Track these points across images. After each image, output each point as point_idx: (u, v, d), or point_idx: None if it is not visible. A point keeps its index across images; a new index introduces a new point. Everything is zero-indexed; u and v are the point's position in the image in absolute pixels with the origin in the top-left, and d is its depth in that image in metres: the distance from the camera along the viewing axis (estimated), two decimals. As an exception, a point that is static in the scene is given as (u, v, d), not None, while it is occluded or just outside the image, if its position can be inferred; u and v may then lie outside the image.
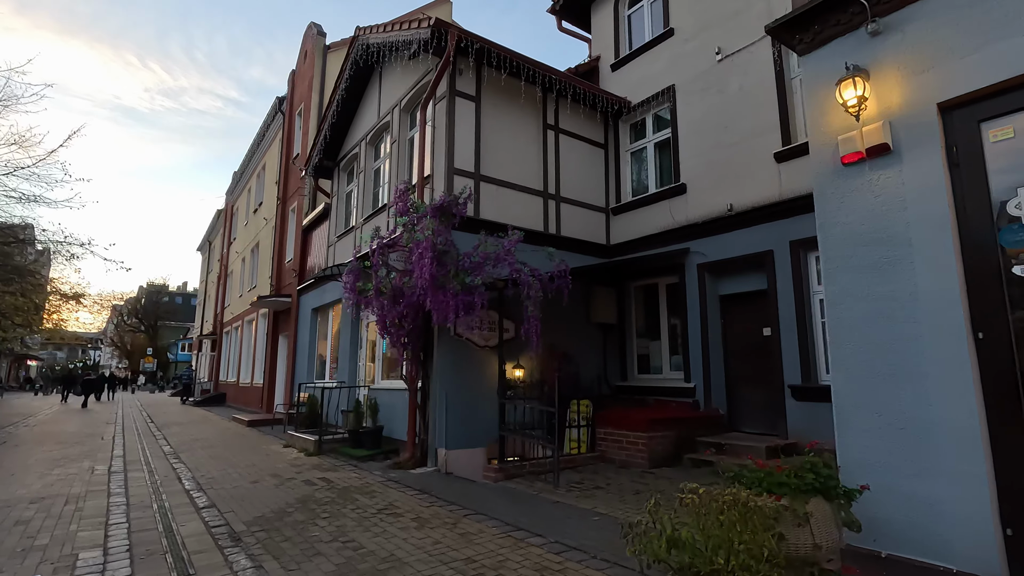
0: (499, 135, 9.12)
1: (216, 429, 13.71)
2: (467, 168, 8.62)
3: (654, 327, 9.72)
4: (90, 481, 7.17)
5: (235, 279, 25.05)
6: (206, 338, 30.04)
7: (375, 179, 11.70)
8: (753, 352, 8.18)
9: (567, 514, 5.12)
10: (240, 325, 22.59)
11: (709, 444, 7.46)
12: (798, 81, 7.84)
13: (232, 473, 7.62)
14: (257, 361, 19.10)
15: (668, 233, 9.27)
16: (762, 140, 8.06)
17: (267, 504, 5.76)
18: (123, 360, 65.98)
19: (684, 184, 9.13)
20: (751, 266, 8.11)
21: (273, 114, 19.86)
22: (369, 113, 11.79)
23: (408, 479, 6.92)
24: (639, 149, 10.30)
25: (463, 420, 7.91)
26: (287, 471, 7.68)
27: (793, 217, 7.58)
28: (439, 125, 8.70)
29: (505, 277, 6.83)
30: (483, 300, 6.64)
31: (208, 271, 34.95)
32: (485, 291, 6.65)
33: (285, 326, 16.02)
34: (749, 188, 8.15)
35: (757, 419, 8.03)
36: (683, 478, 6.53)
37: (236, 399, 21.52)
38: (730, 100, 8.58)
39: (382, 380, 10.03)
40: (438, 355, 7.90)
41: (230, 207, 28.66)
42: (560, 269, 6.94)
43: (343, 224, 12.97)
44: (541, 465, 6.94)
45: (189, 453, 9.61)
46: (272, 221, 18.98)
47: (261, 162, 22.32)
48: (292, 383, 14.45)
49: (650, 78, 9.98)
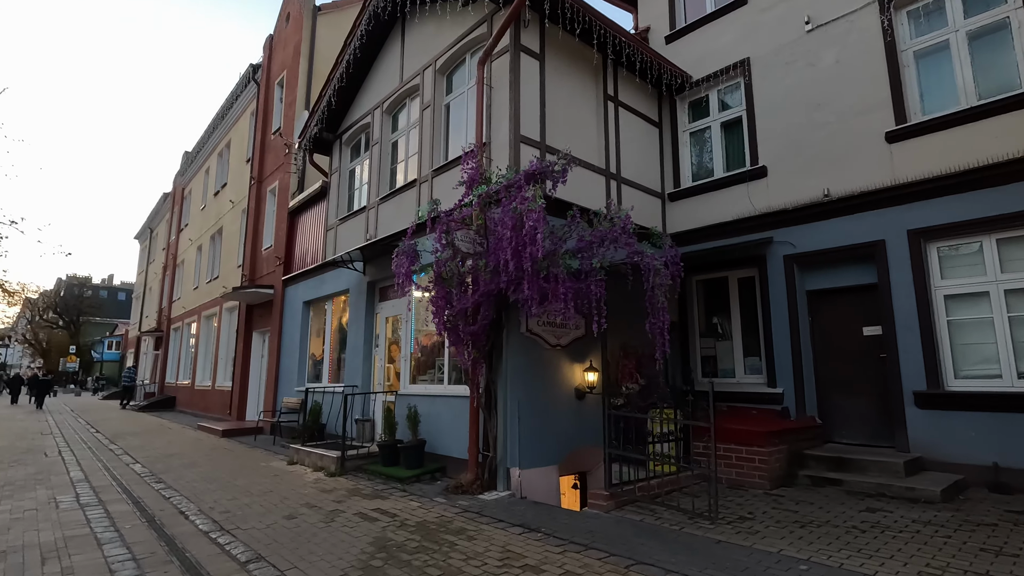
0: (561, 103, 7.91)
1: (185, 440, 11.70)
2: (532, 136, 7.36)
3: (722, 326, 8.77)
4: (60, 521, 5.39)
5: (187, 269, 22.45)
6: (148, 335, 26.97)
7: (393, 153, 10.18)
8: (852, 354, 7.35)
9: (760, 561, 3.98)
10: (196, 320, 20.14)
11: (822, 459, 6.54)
12: (911, 53, 7.08)
13: (249, 503, 6.01)
14: (222, 361, 16.91)
15: (742, 221, 8.34)
16: (868, 119, 7.24)
17: (336, 555, 4.30)
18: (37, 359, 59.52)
19: (763, 167, 8.22)
20: (854, 258, 7.27)
21: (244, 83, 17.71)
22: (386, 77, 10.25)
23: (488, 509, 5.58)
24: (700, 129, 9.33)
25: (537, 433, 6.64)
26: (320, 499, 6.14)
27: (910, 204, 6.79)
28: (499, 85, 7.39)
29: (623, 261, 5.63)
30: (601, 289, 5.41)
31: (149, 261, 31.63)
32: (603, 278, 5.43)
33: (264, 321, 14.09)
34: (850, 172, 7.32)
35: (858, 429, 7.20)
36: (822, 501, 5.53)
37: (191, 404, 19.12)
38: (824, 74, 7.73)
39: (411, 385, 8.57)
40: (508, 355, 6.59)
41: (180, 190, 25.84)
42: (672, 255, 5.81)
43: (346, 206, 11.33)
44: (649, 488, 5.78)
45: (172, 475, 7.80)
46: (242, 204, 16.86)
47: (225, 138, 19.98)
48: (276, 387, 12.61)
49: (716, 51, 9.03)
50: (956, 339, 6.45)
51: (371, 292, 9.77)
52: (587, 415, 7.33)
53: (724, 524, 4.91)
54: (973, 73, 6.59)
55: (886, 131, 7.04)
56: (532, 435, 6.58)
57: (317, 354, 11.92)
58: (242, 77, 17.94)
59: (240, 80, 18.07)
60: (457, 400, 7.24)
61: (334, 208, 11.49)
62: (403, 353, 8.83)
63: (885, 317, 6.88)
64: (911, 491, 5.55)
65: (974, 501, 5.43)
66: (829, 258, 7.51)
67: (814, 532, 4.60)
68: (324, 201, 12.05)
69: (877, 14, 7.28)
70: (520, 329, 6.68)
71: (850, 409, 7.31)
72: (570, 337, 7.17)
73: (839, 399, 7.43)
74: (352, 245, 9.95)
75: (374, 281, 9.71)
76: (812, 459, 6.60)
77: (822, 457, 6.55)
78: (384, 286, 9.64)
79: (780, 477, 6.30)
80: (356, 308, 10.00)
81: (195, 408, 18.48)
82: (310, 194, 12.60)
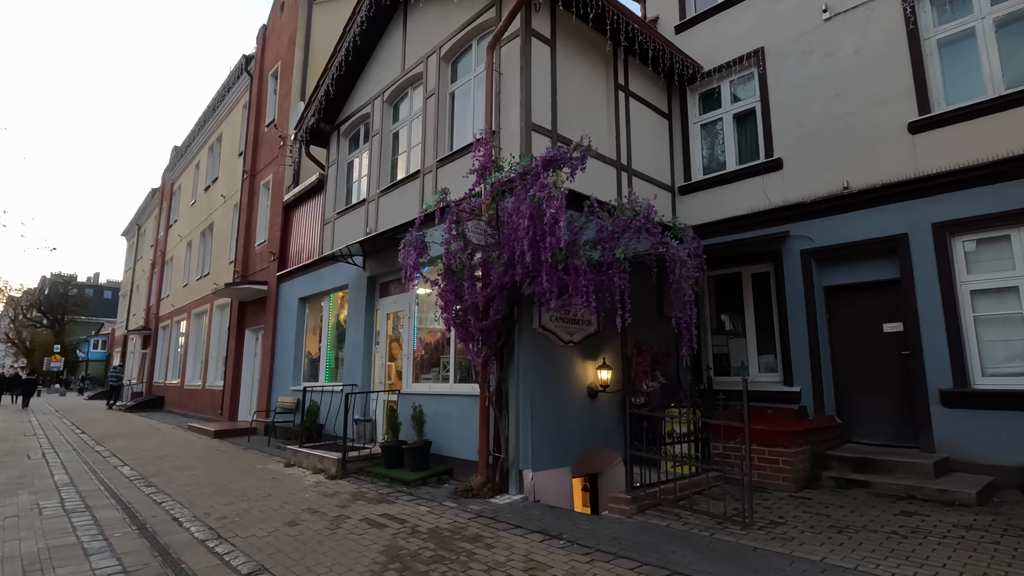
0: (572, 92, 7.63)
1: (176, 442, 11.28)
2: (544, 124, 7.07)
3: (735, 322, 8.53)
4: (44, 530, 5.02)
5: (177, 266, 21.93)
6: (135, 334, 26.37)
7: (394, 144, 9.84)
8: (871, 351, 7.14)
9: (804, 571, 3.71)
10: (185, 318, 19.65)
11: (845, 460, 6.31)
12: (934, 42, 6.87)
13: (248, 509, 5.67)
14: (213, 360, 16.46)
15: (756, 215, 8.10)
16: (889, 109, 7.03)
17: (346, 566, 3.98)
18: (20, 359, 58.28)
19: (779, 159, 7.99)
20: (875, 253, 7.06)
21: (237, 75, 17.27)
22: (387, 65, 9.92)
23: (502, 514, 5.28)
24: (712, 121, 9.08)
25: (550, 433, 6.35)
26: (323, 504, 5.81)
27: (934, 196, 6.58)
28: (509, 71, 7.09)
29: (647, 252, 5.35)
30: (624, 281, 5.12)
31: (137, 258, 30.97)
32: (627, 269, 5.14)
33: (257, 318, 13.68)
34: (871, 164, 7.10)
35: (879, 429, 6.99)
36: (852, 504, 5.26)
37: (180, 404, 18.63)
38: (843, 64, 7.51)
39: (413, 383, 8.25)
40: (521, 352, 6.29)
41: (169, 185, 25.27)
42: (695, 247, 5.54)
43: (344, 199, 10.98)
44: (670, 491, 5.51)
45: (163, 478, 7.43)
46: (235, 198, 16.43)
47: (216, 132, 19.50)
48: (270, 386, 12.22)
49: (729, 41, 8.79)
50: (983, 335, 6.25)
51: (371, 287, 9.43)
52: (599, 415, 7.06)
53: (756, 530, 4.65)
54: (1000, 61, 6.39)
55: (909, 122, 6.83)
56: (545, 436, 6.29)
57: (313, 352, 11.55)
58: (234, 69, 17.48)
59: (232, 72, 17.62)
60: (465, 399, 6.94)
61: (331, 201, 11.13)
62: (406, 351, 8.50)
63: (908, 313, 6.67)
64: (944, 493, 5.33)
65: (1010, 504, 5.21)
66: (849, 253, 7.29)
67: (853, 538, 4.35)
68: (321, 195, 11.68)
69: (898, 1, 7.07)
70: (532, 325, 6.39)
71: (870, 408, 7.09)
72: (583, 334, 6.88)
73: (858, 398, 7.21)
74: (350, 239, 9.61)
75: (374, 276, 9.37)
76: (835, 460, 6.37)
77: (845, 458, 6.32)
78: (385, 281, 9.31)
79: (804, 479, 6.06)
80: (355, 304, 9.66)
81: (184, 408, 18.00)
82: (306, 187, 12.22)
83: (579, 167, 5.34)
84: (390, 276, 9.12)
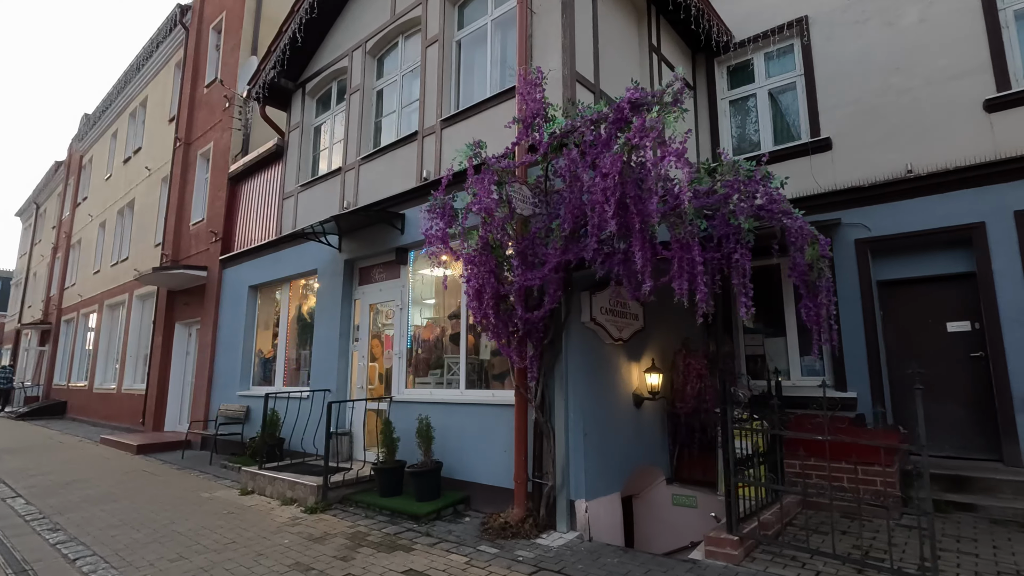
0: (611, 46, 6.50)
1: (87, 460, 9.13)
2: (586, 75, 5.87)
3: (772, 321, 7.66)
4: None
5: (86, 251, 18.92)
6: (30, 328, 22.72)
7: (378, 103, 8.29)
8: (934, 353, 6.43)
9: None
10: (96, 310, 16.85)
11: (932, 478, 5.48)
12: (1011, 12, 6.25)
13: (208, 567, 4.06)
14: (132, 359, 14.00)
15: (799, 201, 7.17)
16: (961, 84, 6.34)
17: (399, 676, 2.57)
18: None
19: (827, 139, 7.18)
20: (944, 243, 6.35)
21: (168, 29, 14.86)
22: (370, 10, 8.34)
23: (567, 563, 4.00)
24: (743, 96, 8.19)
25: (600, 451, 5.14)
26: (315, 556, 4.29)
27: (1016, 181, 5.92)
28: (545, 10, 5.82)
29: (772, 225, 4.23)
30: (747, 260, 3.98)
31: (35, 242, 26.95)
32: (750, 244, 4.00)
33: (191, 310, 11.56)
34: (940, 145, 6.39)
35: (945, 439, 6.26)
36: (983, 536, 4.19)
37: (88, 410, 15.90)
38: (905, 35, 6.78)
39: (408, 389, 6.78)
40: (569, 352, 5.03)
41: (78, 158, 21.94)
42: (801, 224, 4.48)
43: (310, 169, 9.28)
44: (768, 524, 4.43)
45: (74, 515, 5.57)
46: (163, 171, 14.08)
47: (140, 95, 16.85)
48: (209, 390, 10.24)
49: (765, 9, 7.92)
50: (1073, 336, 5.63)
51: (349, 273, 7.83)
52: (644, 426, 5.94)
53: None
54: (1090, 35, 5.82)
55: (985, 99, 6.15)
56: (595, 455, 5.07)
57: (266, 350, 9.72)
58: (165, 21, 15.05)
59: (163, 25, 15.17)
60: (486, 410, 5.60)
61: (293, 172, 9.38)
62: (397, 349, 7.00)
63: (986, 310, 5.98)
64: (1074, 519, 4.57)
65: None
66: (912, 243, 6.55)
67: (1049, 591, 3.42)
68: (279, 164, 9.88)
69: (971, -33, 6.41)
70: (582, 318, 5.15)
71: (933, 416, 6.36)
72: (631, 330, 5.72)
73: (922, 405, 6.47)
74: (320, 215, 7.96)
75: (352, 259, 7.79)
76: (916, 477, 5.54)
77: (932, 475, 5.50)
78: (366, 265, 7.75)
79: (899, 502, 5.17)
80: (328, 293, 8.01)
81: (94, 416, 15.33)
82: (259, 156, 10.34)
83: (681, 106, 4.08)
84: (373, 259, 7.59)
